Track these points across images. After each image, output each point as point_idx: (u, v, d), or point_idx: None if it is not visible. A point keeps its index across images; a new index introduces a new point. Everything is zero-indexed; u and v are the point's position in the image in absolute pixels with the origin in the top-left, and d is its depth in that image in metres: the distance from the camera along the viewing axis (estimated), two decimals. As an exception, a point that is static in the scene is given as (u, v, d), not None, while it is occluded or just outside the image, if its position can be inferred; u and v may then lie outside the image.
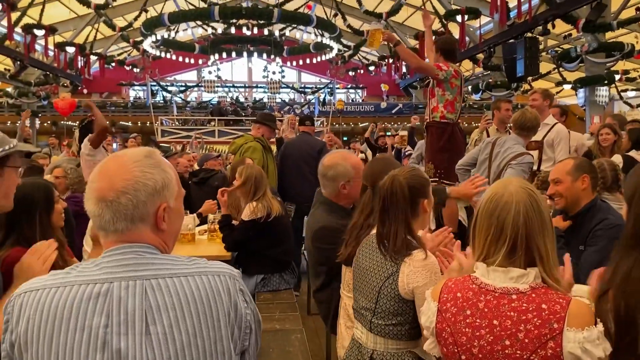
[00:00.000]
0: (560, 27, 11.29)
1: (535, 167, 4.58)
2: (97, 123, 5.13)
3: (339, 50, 17.70)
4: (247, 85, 28.14)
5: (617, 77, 14.90)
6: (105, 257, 1.20)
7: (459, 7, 12.16)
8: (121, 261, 1.18)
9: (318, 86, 26.31)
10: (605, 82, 11.83)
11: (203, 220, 4.42)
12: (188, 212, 4.07)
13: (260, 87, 26.31)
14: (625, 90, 18.30)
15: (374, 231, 2.14)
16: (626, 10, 11.02)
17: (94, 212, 1.20)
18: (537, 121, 4.22)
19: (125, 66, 19.66)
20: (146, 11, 15.27)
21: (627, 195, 1.50)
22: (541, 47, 12.32)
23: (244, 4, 15.36)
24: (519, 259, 1.44)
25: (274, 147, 6.05)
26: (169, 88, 25.23)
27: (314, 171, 4.72)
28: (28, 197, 2.38)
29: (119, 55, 21.02)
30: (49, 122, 21.48)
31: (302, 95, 26.30)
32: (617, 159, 4.53)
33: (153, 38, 14.96)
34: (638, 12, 11.14)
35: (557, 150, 4.81)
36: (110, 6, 13.81)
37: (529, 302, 1.38)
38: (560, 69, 14.92)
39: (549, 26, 10.26)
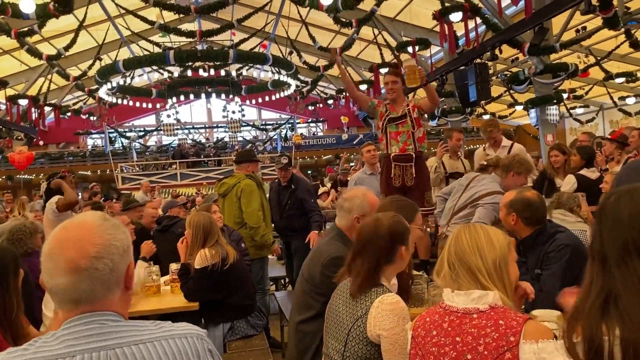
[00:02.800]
0: (507, 51, 11.74)
1: None
2: (66, 198, 5.00)
3: (297, 86, 17.91)
4: (207, 125, 28.06)
5: (565, 95, 15.52)
6: (65, 328, 1.14)
7: (409, 39, 12.54)
8: (83, 332, 1.13)
9: (279, 122, 26.46)
10: (554, 101, 12.30)
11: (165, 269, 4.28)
12: (152, 262, 3.96)
13: (221, 126, 26.27)
14: (574, 108, 19.04)
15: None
16: (567, 32, 11.56)
17: (65, 284, 1.13)
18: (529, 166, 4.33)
19: (81, 115, 19.35)
20: (100, 59, 15.15)
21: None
22: (491, 71, 12.77)
23: (199, 47, 15.41)
24: (462, 276, 1.58)
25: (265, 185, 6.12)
26: (128, 134, 24.92)
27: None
28: (1, 263, 2.32)
29: (74, 104, 20.70)
30: (3, 177, 20.87)
31: (264, 132, 26.37)
32: (571, 179, 4.66)
33: (108, 85, 14.81)
34: (578, 34, 11.71)
35: None
36: (62, 56, 13.64)
37: (488, 319, 1.48)
38: (511, 91, 15.45)
39: (497, 51, 10.64)
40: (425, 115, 5.03)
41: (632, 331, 1.25)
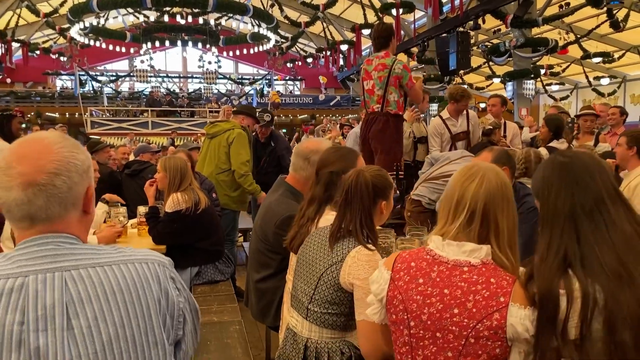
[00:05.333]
0: (490, 22, 11.72)
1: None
2: None
3: (277, 41, 17.57)
4: (181, 75, 27.45)
5: (543, 71, 15.66)
6: (19, 249, 1.11)
7: (394, 1, 12.36)
8: (38, 252, 1.09)
9: (256, 77, 26.06)
10: (532, 75, 12.41)
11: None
12: (119, 204, 3.91)
13: (196, 77, 25.73)
14: (550, 84, 19.26)
15: (324, 223, 2.16)
16: (550, 7, 11.58)
17: (20, 199, 1.08)
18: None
19: (51, 54, 18.67)
20: (73, -4, 14.53)
21: (533, 187, 1.57)
22: (472, 41, 12.74)
23: (178, -8, 14.89)
24: (474, 230, 1.48)
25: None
26: (99, 78, 24.21)
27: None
28: None
29: (44, 42, 19.96)
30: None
31: (240, 86, 25.96)
32: (543, 151, 4.75)
33: (81, 25, 14.28)
34: (561, 10, 11.74)
35: (476, 133, 5.13)
36: (33, -10, 13.05)
37: (479, 275, 1.43)
38: (490, 63, 15.49)
39: (480, 21, 10.62)
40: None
41: (594, 289, 1.29)
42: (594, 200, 1.39)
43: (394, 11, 12.12)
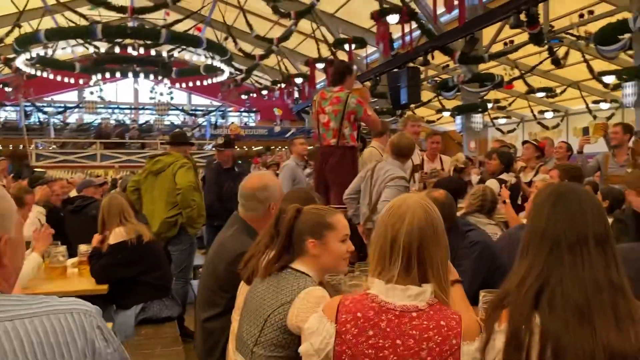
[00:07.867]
0: (439, 58, 12.11)
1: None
2: None
3: (231, 73, 17.58)
4: (133, 106, 26.97)
5: (490, 105, 16.23)
6: None
7: (346, 37, 12.62)
8: None
9: (209, 109, 25.90)
10: (479, 109, 12.83)
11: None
12: (59, 242, 3.71)
13: (148, 108, 25.35)
14: (497, 118, 19.96)
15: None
16: (495, 44, 12.07)
17: None
18: (412, 146, 4.35)
19: (-6, 84, 18.05)
20: (19, 27, 14.14)
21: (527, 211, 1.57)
22: (422, 76, 13.09)
23: (130, 24, 14.74)
24: (414, 274, 1.44)
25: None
26: (46, 109, 23.48)
27: None
28: None
29: (-13, 72, 19.29)
30: None
31: (193, 117, 25.72)
32: (493, 183, 4.85)
33: (27, 55, 13.88)
34: (505, 47, 12.25)
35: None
36: (-24, 19, 12.63)
37: (429, 320, 1.40)
38: (440, 97, 15.94)
39: (429, 57, 10.95)
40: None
41: (554, 322, 1.26)
42: (577, 236, 1.36)
43: (346, 46, 12.37)
